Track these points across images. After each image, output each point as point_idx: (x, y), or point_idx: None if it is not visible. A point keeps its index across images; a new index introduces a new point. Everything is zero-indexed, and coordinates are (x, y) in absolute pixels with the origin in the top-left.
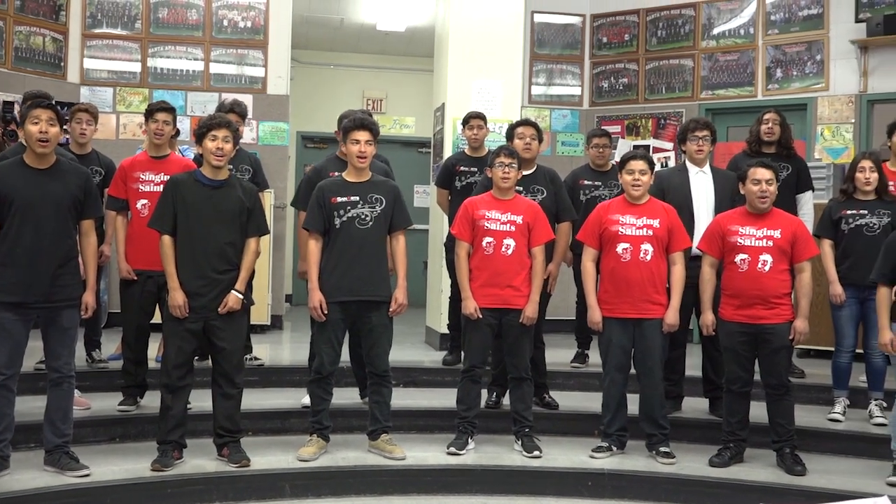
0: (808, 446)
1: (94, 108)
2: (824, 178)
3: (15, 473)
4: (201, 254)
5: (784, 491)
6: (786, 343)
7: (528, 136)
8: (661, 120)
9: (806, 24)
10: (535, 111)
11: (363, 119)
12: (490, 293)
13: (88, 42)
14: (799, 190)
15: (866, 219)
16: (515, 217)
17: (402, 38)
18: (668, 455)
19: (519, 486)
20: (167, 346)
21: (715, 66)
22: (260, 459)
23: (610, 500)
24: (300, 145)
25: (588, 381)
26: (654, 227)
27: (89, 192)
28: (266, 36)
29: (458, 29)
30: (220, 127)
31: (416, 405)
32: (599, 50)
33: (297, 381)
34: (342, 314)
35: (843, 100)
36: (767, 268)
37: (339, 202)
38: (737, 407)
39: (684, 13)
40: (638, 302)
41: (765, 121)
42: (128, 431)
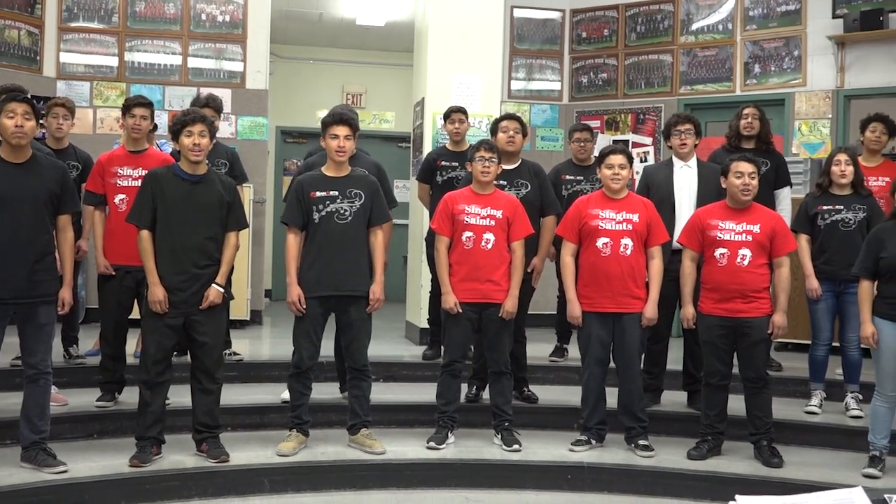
0: (785, 439)
1: (71, 102)
2: (801, 174)
3: None
4: (181, 249)
5: (761, 483)
6: (764, 337)
7: (511, 129)
8: (641, 115)
9: (784, 20)
10: (515, 106)
11: (342, 114)
12: (470, 288)
13: (65, 36)
14: (777, 185)
15: (842, 214)
16: (495, 211)
17: (382, 33)
18: (646, 448)
19: (499, 480)
20: (146, 341)
21: (693, 61)
22: (239, 455)
23: (589, 493)
24: (279, 140)
25: (567, 374)
26: (633, 222)
27: (66, 187)
28: (245, 30)
29: (438, 23)
30: (194, 122)
31: (396, 400)
32: (579, 45)
33: (276, 377)
34: (321, 309)
35: (821, 95)
36: (746, 262)
37: (318, 196)
38: (715, 400)
39: (663, 9)
40: (617, 296)
41: (744, 115)
42: (106, 428)
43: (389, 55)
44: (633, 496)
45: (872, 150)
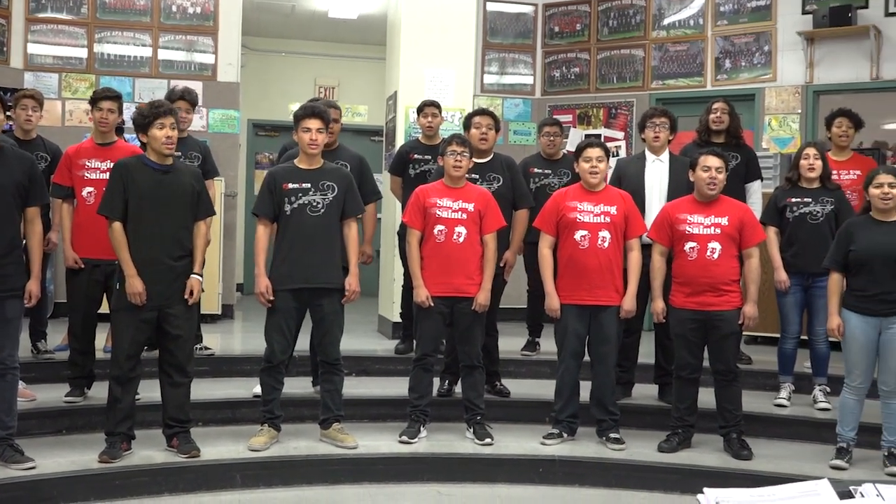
0: (754, 431)
1: (40, 94)
2: (771, 168)
3: None
4: (156, 240)
5: (731, 475)
6: (735, 329)
7: (484, 125)
8: (613, 109)
9: (754, 16)
10: (488, 100)
11: (314, 107)
12: (442, 281)
13: (32, 27)
14: (748, 179)
15: (810, 207)
16: (467, 205)
17: (355, 26)
18: (618, 441)
19: (471, 473)
20: (119, 336)
21: (665, 56)
22: (210, 450)
23: (561, 486)
24: (251, 133)
25: (539, 368)
26: (611, 214)
27: (34, 179)
28: (216, 22)
29: (411, 17)
30: (166, 115)
31: (369, 394)
32: (551, 39)
33: (248, 371)
34: (294, 302)
35: (790, 90)
36: (716, 255)
37: (290, 188)
38: (685, 393)
39: (635, 3)
40: (595, 289)
41: (714, 110)
42: (75, 423)
43: (362, 48)
44: (604, 489)
45: (840, 146)
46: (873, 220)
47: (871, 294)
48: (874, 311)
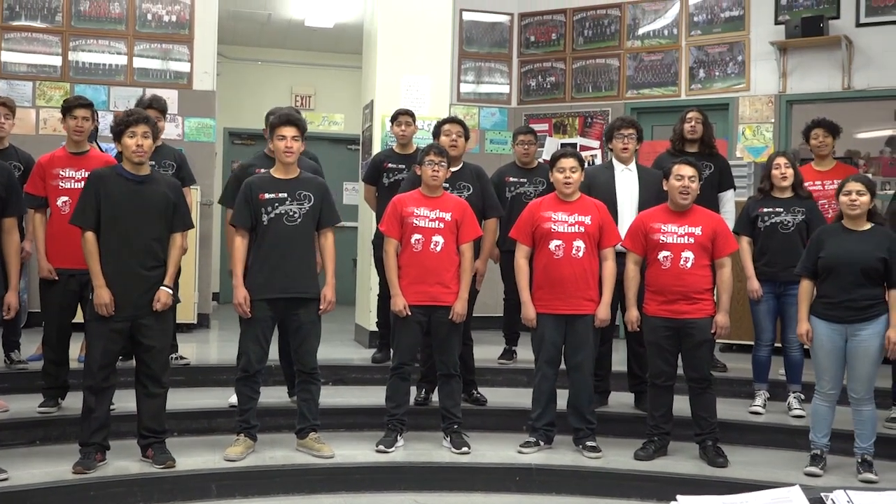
0: (729, 438)
1: (11, 101)
2: (745, 177)
3: None
4: (128, 251)
5: (707, 482)
6: (708, 337)
7: (454, 133)
8: (588, 118)
9: (728, 26)
10: (464, 109)
11: (289, 115)
12: (419, 290)
13: (6, 35)
14: (721, 188)
15: (781, 216)
16: (444, 214)
17: (331, 35)
18: (594, 449)
19: (448, 482)
20: (92, 346)
21: (640, 65)
22: (186, 460)
23: (538, 494)
24: (227, 142)
25: (516, 377)
26: (585, 224)
27: (11, 189)
28: (191, 31)
29: (387, 26)
30: (137, 123)
31: (345, 403)
32: (527, 49)
33: (224, 381)
34: (270, 312)
35: (764, 100)
36: (689, 264)
37: (267, 199)
38: (661, 401)
39: (610, 13)
40: (570, 298)
41: (688, 119)
42: (49, 434)
43: (338, 57)
44: (580, 497)
45: (821, 155)
46: (844, 228)
47: (838, 301)
48: (840, 318)
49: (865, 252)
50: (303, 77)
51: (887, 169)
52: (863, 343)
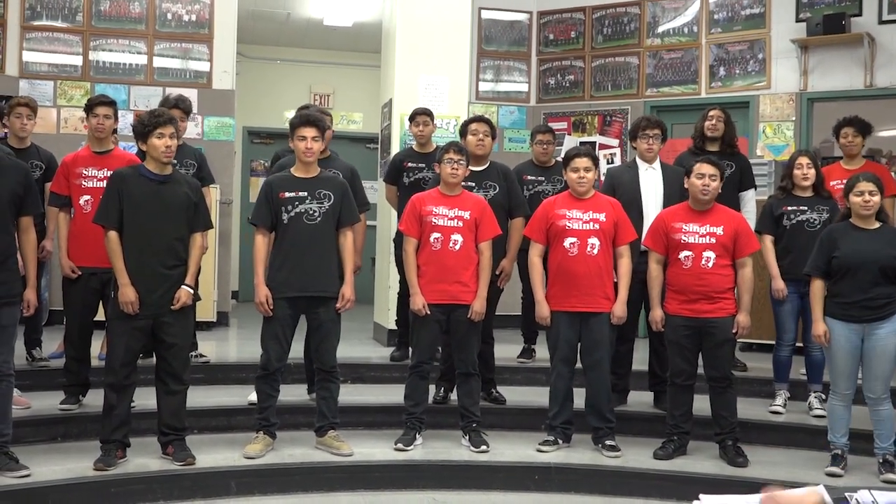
0: (750, 438)
1: (34, 101)
2: (766, 175)
3: None
4: (149, 250)
5: (727, 482)
6: (729, 337)
7: (481, 132)
8: (607, 117)
9: (748, 24)
10: (483, 107)
11: (308, 115)
12: (438, 289)
13: (27, 34)
14: (742, 187)
15: (807, 215)
16: (463, 213)
17: (350, 34)
18: (613, 448)
19: (466, 480)
20: (114, 344)
21: (660, 63)
22: (205, 457)
23: (556, 493)
24: (246, 141)
25: (535, 375)
26: (600, 221)
27: (29, 188)
28: (211, 30)
29: (406, 24)
30: (165, 124)
31: (364, 401)
32: (546, 47)
33: (243, 379)
34: (290, 310)
35: (784, 98)
36: (711, 264)
37: (286, 197)
38: (681, 400)
39: (629, 11)
40: (585, 296)
41: (709, 117)
42: (70, 431)
43: (357, 56)
44: (599, 496)
45: (850, 154)
46: (854, 226)
47: (854, 301)
48: (858, 317)
49: (881, 250)
50: (322, 76)
51: None
52: (880, 342)
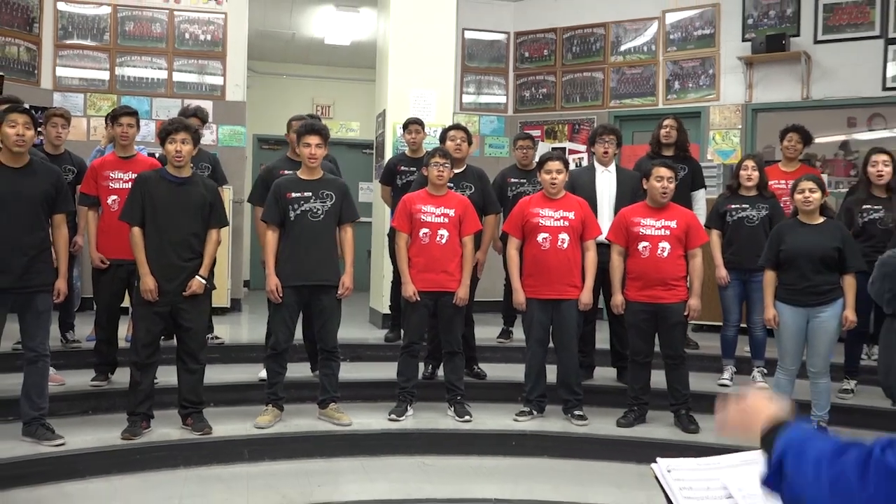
0: (701, 408)
1: (68, 112)
2: (715, 177)
3: None
4: (168, 244)
5: (681, 446)
6: (681, 319)
7: (458, 138)
8: (576, 125)
9: (700, 43)
10: (466, 117)
11: (314, 124)
12: (427, 278)
13: (60, 52)
14: (694, 188)
15: (747, 212)
16: (448, 210)
17: (348, 51)
18: (581, 417)
19: (452, 446)
20: (136, 327)
21: (622, 78)
22: (221, 428)
23: (531, 457)
24: (256, 147)
25: (512, 354)
26: (569, 219)
27: (60, 189)
28: (224, 48)
29: (398, 43)
30: (177, 131)
31: (361, 377)
32: (522, 63)
33: (254, 358)
34: (296, 297)
35: (732, 108)
36: (665, 254)
37: (293, 197)
38: (640, 375)
39: (595, 32)
40: (556, 284)
41: (664, 126)
42: (100, 405)
43: (354, 71)
44: (569, 459)
45: (789, 158)
46: (800, 222)
47: (800, 287)
48: (803, 302)
49: (821, 243)
50: (323, 89)
51: (841, 170)
52: (823, 324)
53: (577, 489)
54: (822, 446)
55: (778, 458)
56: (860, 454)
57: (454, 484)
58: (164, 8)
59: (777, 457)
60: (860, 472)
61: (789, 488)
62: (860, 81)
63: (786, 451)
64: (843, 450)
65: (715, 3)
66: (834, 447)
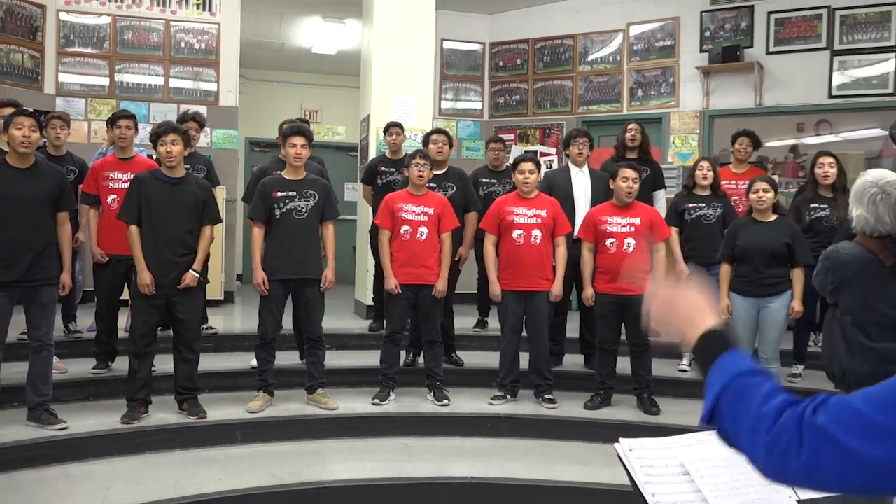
0: (662, 392)
1: (66, 114)
2: (675, 178)
3: (1, 428)
4: (163, 240)
5: (643, 427)
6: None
7: (440, 141)
8: (547, 130)
9: (661, 54)
10: (445, 122)
11: (299, 126)
12: (407, 272)
13: (62, 59)
14: (655, 188)
15: (704, 210)
16: (428, 209)
17: (334, 60)
18: (551, 401)
19: (432, 428)
20: (134, 318)
21: (589, 86)
22: (215, 412)
23: (505, 438)
24: (248, 149)
25: (487, 342)
26: (542, 217)
27: (64, 188)
28: (218, 56)
29: (381, 53)
30: (167, 133)
31: (347, 364)
32: (496, 72)
33: (246, 347)
34: (283, 290)
35: (690, 114)
36: (632, 249)
37: (278, 196)
38: (606, 361)
39: (565, 43)
40: (529, 277)
41: (629, 130)
42: (100, 391)
43: (340, 78)
44: (540, 440)
45: (740, 160)
46: (754, 220)
47: (752, 280)
48: (754, 293)
49: (773, 239)
50: (311, 95)
51: (791, 172)
52: (772, 313)
53: (547, 467)
54: (758, 402)
55: (714, 401)
56: (794, 417)
57: (434, 463)
58: (161, 18)
59: (713, 398)
60: (796, 440)
61: (724, 434)
62: (808, 90)
63: (722, 395)
64: (777, 412)
65: (675, 16)
66: (769, 408)
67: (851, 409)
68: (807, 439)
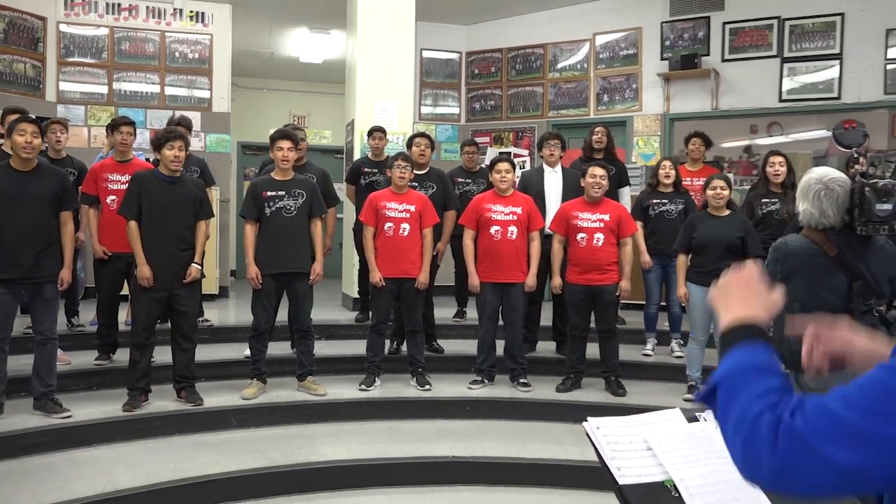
0: (627, 375)
1: (65, 119)
2: (639, 176)
3: (9, 417)
4: (164, 236)
5: (610, 408)
6: (613, 299)
7: (423, 144)
8: (520, 133)
9: (625, 61)
10: (424, 126)
11: (286, 130)
12: (391, 266)
13: (63, 68)
14: (620, 185)
15: (667, 206)
16: (409, 207)
17: (321, 69)
18: (525, 385)
19: (415, 412)
20: (136, 312)
21: (559, 92)
22: (211, 399)
23: (483, 419)
24: (240, 152)
25: (466, 331)
26: (517, 213)
27: (66, 189)
28: (211, 65)
29: (364, 62)
30: (176, 139)
31: (335, 353)
32: (473, 79)
33: (240, 338)
34: (274, 284)
35: (652, 118)
36: (600, 243)
37: (268, 195)
38: (577, 347)
39: (536, 52)
40: (506, 270)
41: (595, 133)
42: (103, 381)
43: (327, 86)
44: (516, 421)
45: (694, 159)
46: (710, 214)
47: (708, 270)
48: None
49: (728, 233)
50: (298, 101)
51: (744, 170)
52: None
53: (522, 446)
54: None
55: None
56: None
57: (417, 444)
58: (157, 30)
59: (712, 383)
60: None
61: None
62: (760, 94)
63: (721, 383)
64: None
65: (637, 27)
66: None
67: (829, 414)
68: (781, 443)
